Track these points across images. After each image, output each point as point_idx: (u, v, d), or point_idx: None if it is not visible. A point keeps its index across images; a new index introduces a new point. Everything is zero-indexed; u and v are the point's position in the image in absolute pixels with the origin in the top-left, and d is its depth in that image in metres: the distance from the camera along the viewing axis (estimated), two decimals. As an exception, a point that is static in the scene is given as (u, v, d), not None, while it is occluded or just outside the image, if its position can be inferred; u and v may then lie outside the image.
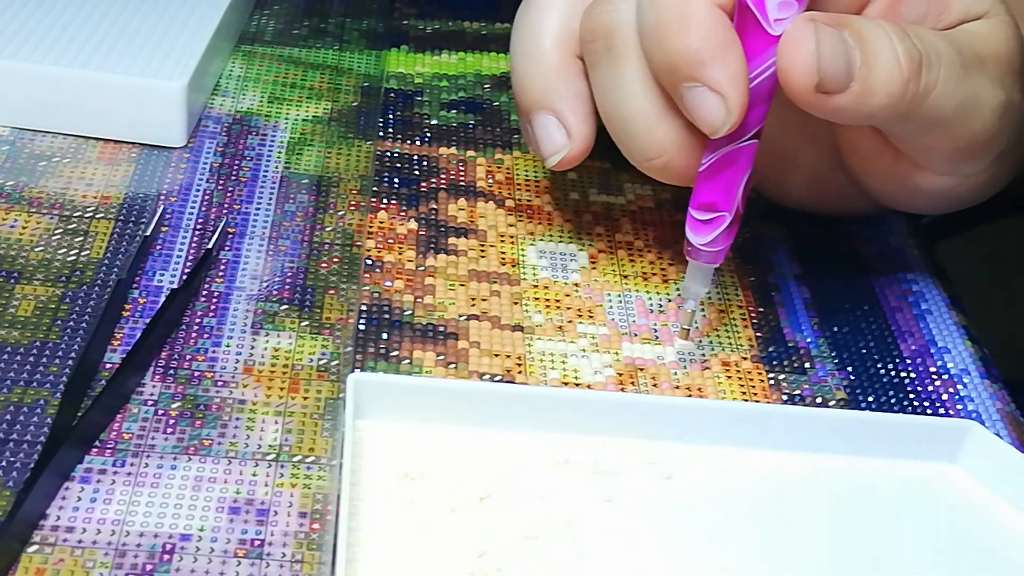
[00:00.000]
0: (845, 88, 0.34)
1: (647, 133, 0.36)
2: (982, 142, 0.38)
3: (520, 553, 0.31)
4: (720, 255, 0.37)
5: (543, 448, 0.35)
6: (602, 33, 0.37)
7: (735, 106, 0.34)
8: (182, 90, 0.44)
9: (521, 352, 0.39)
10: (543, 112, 0.39)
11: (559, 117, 0.39)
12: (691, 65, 0.34)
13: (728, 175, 0.36)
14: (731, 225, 0.36)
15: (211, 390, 0.35)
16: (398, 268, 0.41)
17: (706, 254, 0.37)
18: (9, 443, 0.33)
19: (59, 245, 0.40)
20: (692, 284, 0.38)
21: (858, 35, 0.35)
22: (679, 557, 0.32)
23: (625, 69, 0.36)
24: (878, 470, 0.36)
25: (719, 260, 0.37)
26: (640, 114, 0.36)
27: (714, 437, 0.36)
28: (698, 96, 0.34)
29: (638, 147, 0.37)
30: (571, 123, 0.39)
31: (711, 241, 0.37)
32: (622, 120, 0.37)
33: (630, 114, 0.36)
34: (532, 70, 0.39)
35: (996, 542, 0.34)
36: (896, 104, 0.35)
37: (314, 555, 0.31)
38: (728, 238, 0.37)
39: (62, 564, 0.30)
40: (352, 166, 0.46)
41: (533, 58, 0.39)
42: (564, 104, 0.39)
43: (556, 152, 0.39)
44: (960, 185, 0.40)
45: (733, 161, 0.36)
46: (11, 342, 0.36)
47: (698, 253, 0.37)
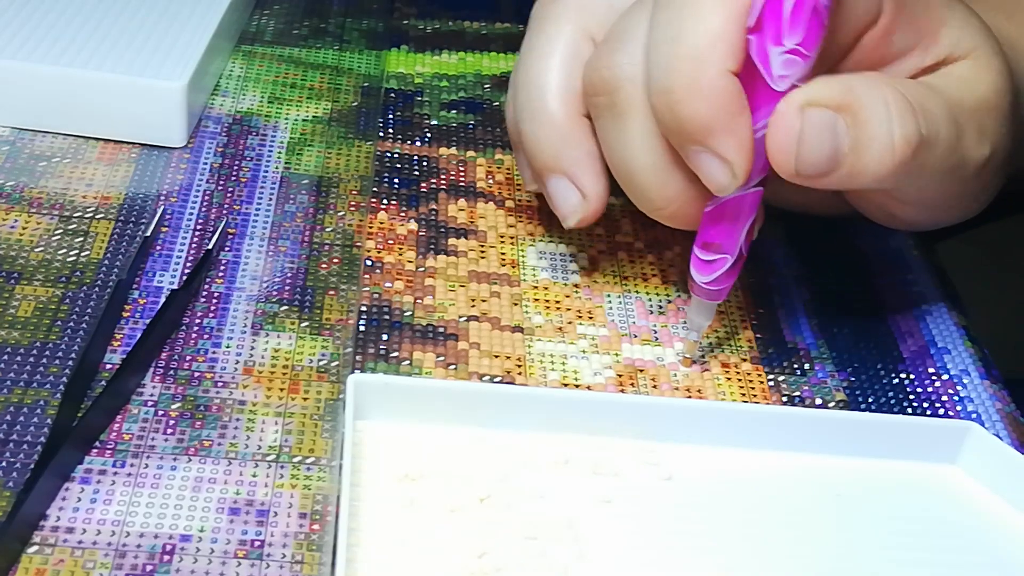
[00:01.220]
0: (829, 173, 0.35)
1: (655, 187, 0.37)
2: (968, 189, 0.39)
3: (520, 553, 0.31)
4: (722, 293, 0.38)
5: (543, 448, 0.35)
6: (604, 89, 0.37)
7: (740, 172, 0.34)
8: (182, 90, 0.44)
9: (521, 353, 0.39)
10: (556, 176, 0.39)
11: (572, 179, 0.39)
12: (700, 133, 0.34)
13: (732, 219, 0.36)
14: (733, 266, 0.37)
15: (211, 391, 0.35)
16: (398, 269, 0.41)
17: (708, 291, 0.38)
18: (9, 443, 0.33)
19: (59, 245, 0.40)
20: (696, 317, 0.38)
21: (855, 117, 0.34)
22: (679, 557, 0.32)
23: (630, 124, 0.36)
24: (878, 471, 0.36)
25: (721, 297, 0.38)
26: (646, 168, 0.37)
27: (714, 438, 0.36)
28: (705, 159, 0.35)
29: (646, 199, 0.37)
30: (584, 184, 0.39)
31: (714, 280, 0.37)
32: (629, 173, 0.37)
33: (636, 168, 0.37)
34: (540, 134, 0.39)
35: (996, 542, 0.34)
36: (884, 183, 0.35)
37: (314, 556, 0.31)
38: (730, 278, 0.37)
39: (62, 564, 0.30)
40: (352, 166, 0.46)
41: (540, 122, 0.39)
42: (575, 167, 0.39)
43: (573, 213, 0.39)
44: (952, 210, 0.40)
45: (737, 207, 0.36)
46: (11, 342, 0.36)
47: (701, 290, 0.38)
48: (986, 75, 0.38)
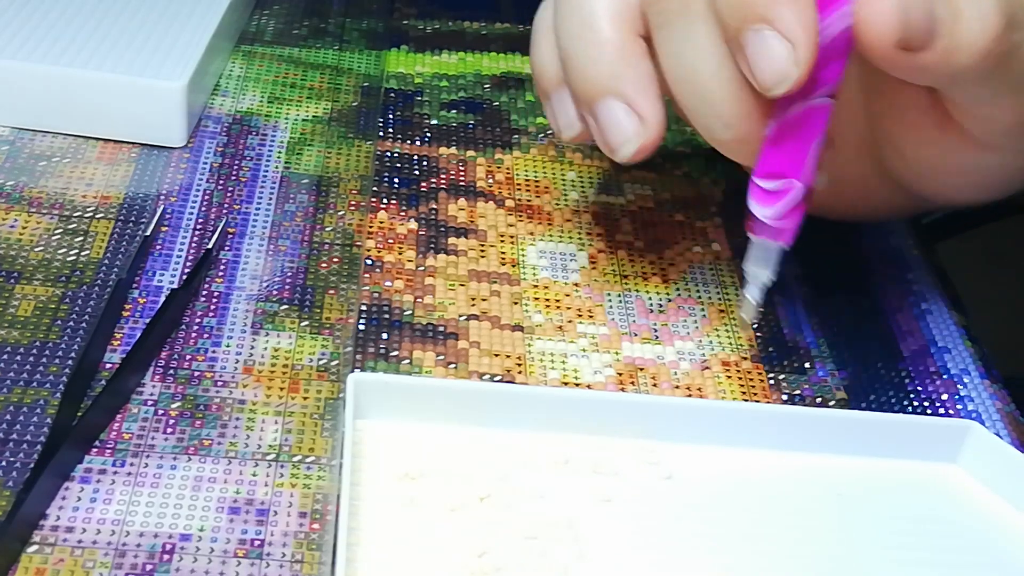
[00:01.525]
0: (929, 44, 0.31)
1: (726, 100, 0.33)
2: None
3: (520, 553, 0.31)
4: (788, 232, 0.33)
5: (543, 448, 0.35)
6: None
7: (803, 57, 0.31)
8: (182, 90, 0.44)
9: (521, 352, 0.39)
10: (609, 98, 0.35)
11: (628, 101, 0.35)
12: (764, 4, 0.31)
13: (799, 138, 0.32)
14: (802, 195, 0.33)
15: (211, 390, 0.35)
16: (398, 268, 0.41)
17: (772, 229, 0.34)
18: (9, 443, 0.33)
19: (59, 245, 0.40)
20: (754, 266, 0.34)
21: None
22: (679, 557, 0.32)
23: (703, 29, 0.33)
24: (878, 470, 0.36)
25: (787, 238, 0.34)
26: (721, 79, 0.33)
27: (714, 437, 0.36)
28: (762, 42, 0.31)
29: (716, 116, 0.34)
30: (643, 107, 0.35)
31: (778, 214, 0.33)
32: (699, 87, 0.33)
33: (708, 79, 0.33)
34: (592, 53, 0.35)
35: (996, 542, 0.34)
36: (981, 64, 0.32)
37: (314, 555, 0.31)
38: (798, 213, 0.33)
39: (62, 564, 0.30)
40: (352, 166, 0.46)
41: (590, 40, 0.35)
42: (633, 87, 0.35)
43: (628, 140, 0.35)
44: (1004, 164, 0.38)
45: (804, 122, 0.32)
46: (11, 342, 0.36)
47: (763, 228, 0.33)
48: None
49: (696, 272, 0.43)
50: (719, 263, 0.43)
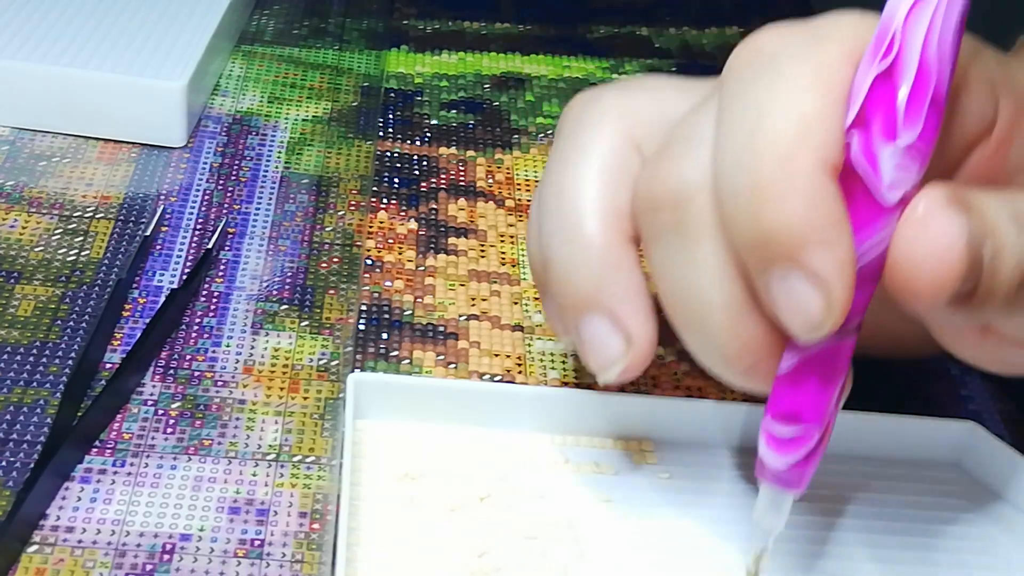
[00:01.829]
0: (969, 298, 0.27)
1: (729, 330, 0.28)
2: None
3: (520, 553, 0.31)
4: (803, 479, 0.29)
5: (543, 448, 0.35)
6: (670, 202, 0.29)
7: (838, 303, 0.26)
8: (182, 90, 0.44)
9: (521, 352, 0.39)
10: (594, 315, 0.31)
11: (614, 318, 0.31)
12: (790, 245, 0.26)
13: (820, 380, 0.28)
14: (819, 443, 0.28)
15: (211, 390, 0.35)
16: (398, 268, 0.41)
17: (784, 478, 0.29)
18: (9, 443, 0.33)
19: (59, 245, 0.40)
20: (766, 515, 0.29)
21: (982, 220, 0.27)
22: (679, 557, 0.32)
23: (701, 249, 0.28)
24: (878, 470, 0.36)
25: (801, 487, 0.29)
26: (721, 306, 0.28)
27: (714, 437, 0.36)
28: (792, 286, 0.26)
29: (717, 346, 0.29)
30: (631, 325, 0.31)
31: (794, 464, 0.29)
32: (696, 313, 0.29)
33: (707, 305, 0.28)
34: (575, 262, 0.31)
35: (996, 542, 0.34)
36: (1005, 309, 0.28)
37: (314, 555, 0.31)
38: (813, 460, 0.29)
39: (62, 564, 0.30)
40: (352, 166, 0.46)
41: (574, 247, 0.31)
42: (619, 304, 0.31)
43: (613, 362, 0.31)
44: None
45: (826, 361, 0.28)
46: (11, 342, 0.36)
47: (775, 476, 0.29)
48: None
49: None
50: (719, 263, 0.43)
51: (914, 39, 0.26)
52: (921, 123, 0.26)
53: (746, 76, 0.28)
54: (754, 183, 0.26)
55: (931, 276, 0.26)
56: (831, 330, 0.27)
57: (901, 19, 0.26)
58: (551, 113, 0.51)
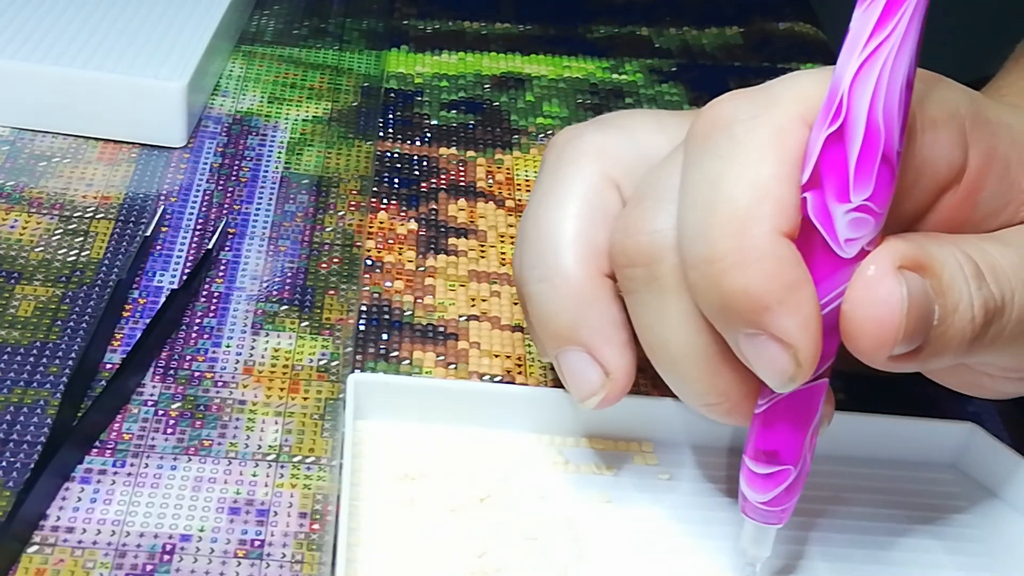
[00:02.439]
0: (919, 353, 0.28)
1: (705, 378, 0.30)
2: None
3: (520, 553, 0.31)
4: (784, 514, 0.30)
5: (543, 448, 0.35)
6: (642, 259, 0.30)
7: (806, 358, 0.27)
8: (182, 90, 0.44)
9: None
10: (572, 349, 0.32)
11: (592, 352, 0.32)
12: (752, 311, 0.27)
13: (793, 421, 0.29)
14: (796, 480, 0.30)
15: (211, 390, 0.35)
16: (398, 268, 0.41)
17: (766, 513, 0.30)
18: (9, 443, 0.33)
19: (59, 245, 0.40)
20: (751, 546, 0.31)
21: (938, 281, 0.28)
22: (679, 557, 0.32)
23: (673, 302, 0.30)
24: (878, 471, 0.36)
25: (783, 520, 0.31)
26: (695, 356, 0.30)
27: (714, 437, 0.36)
28: (760, 346, 0.27)
29: (694, 392, 0.31)
30: (608, 358, 0.32)
31: (772, 499, 0.30)
32: (672, 361, 0.30)
33: (682, 355, 0.30)
34: (553, 297, 0.32)
35: (996, 542, 0.34)
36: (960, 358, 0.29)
37: (314, 555, 0.31)
38: (792, 494, 0.30)
39: (62, 564, 0.30)
40: (352, 166, 0.46)
41: (553, 282, 0.32)
42: (596, 338, 0.32)
43: (592, 394, 0.32)
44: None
45: (799, 405, 0.29)
46: (11, 342, 0.36)
47: (756, 511, 0.30)
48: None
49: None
50: (719, 263, 0.43)
51: (861, 101, 0.27)
52: (872, 183, 0.27)
53: (704, 145, 0.29)
54: (712, 253, 0.27)
55: (873, 337, 0.27)
56: (802, 382, 0.28)
57: (848, 81, 0.27)
58: (551, 113, 0.51)
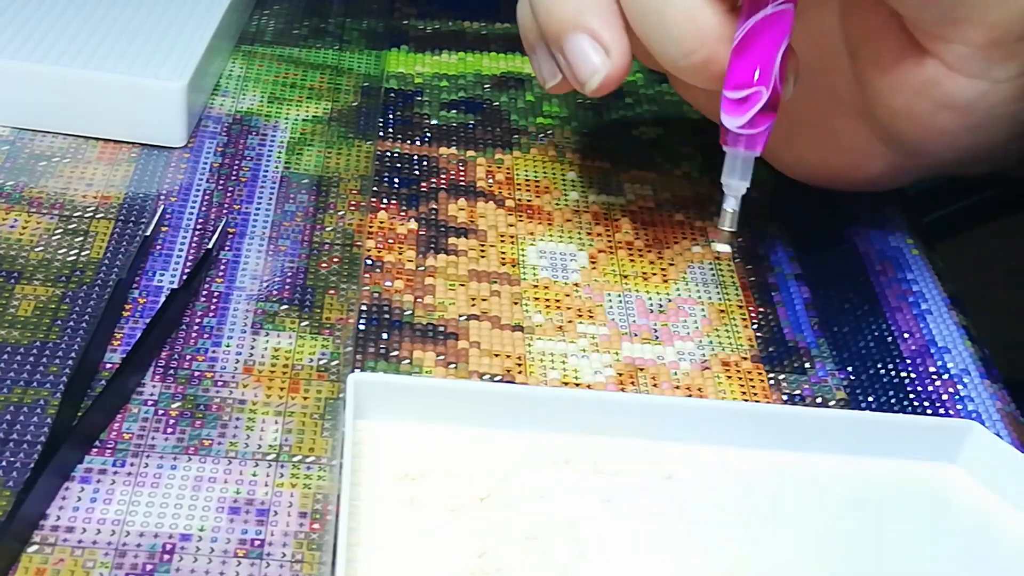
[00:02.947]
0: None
1: (686, 22, 0.34)
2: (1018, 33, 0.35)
3: (520, 553, 0.31)
4: (759, 139, 0.35)
5: (543, 448, 0.35)
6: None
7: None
8: (182, 90, 0.44)
9: (521, 352, 0.39)
10: (575, 32, 0.37)
11: (593, 35, 0.36)
12: None
13: (763, 45, 0.33)
14: (769, 102, 0.34)
15: (211, 390, 0.35)
16: (398, 268, 0.41)
17: (744, 138, 0.35)
18: (9, 443, 0.33)
19: (59, 245, 0.40)
20: (731, 177, 0.35)
21: None
22: (679, 557, 0.32)
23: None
24: (878, 470, 0.36)
25: (759, 146, 0.35)
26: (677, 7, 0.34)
27: (714, 437, 0.36)
28: None
29: (675, 39, 0.35)
30: (608, 38, 0.36)
31: (748, 122, 0.34)
32: (657, 11, 0.35)
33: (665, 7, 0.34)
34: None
35: (996, 542, 0.34)
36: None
37: (314, 555, 0.31)
38: (767, 118, 0.34)
39: (62, 564, 0.30)
40: (352, 166, 0.46)
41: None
42: (597, 20, 0.36)
43: (595, 72, 0.37)
44: (991, 93, 0.37)
45: (767, 29, 0.33)
46: (11, 342, 0.36)
47: (736, 138, 0.35)
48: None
49: (696, 272, 0.43)
50: (719, 263, 0.43)
51: None
52: None
53: None
54: None
55: None
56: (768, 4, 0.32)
57: None
58: (551, 113, 0.51)
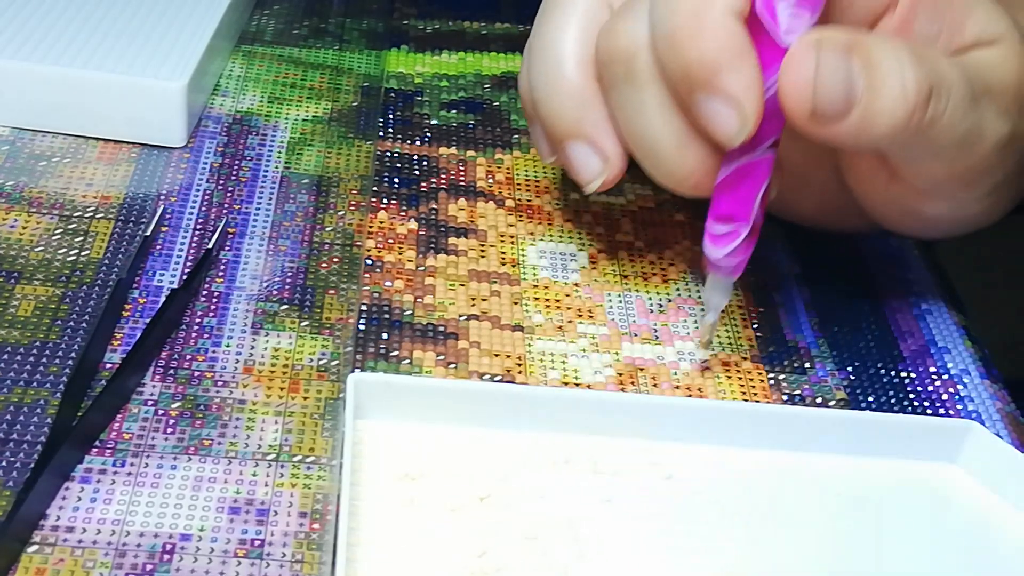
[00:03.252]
0: (844, 116, 0.34)
1: (674, 158, 0.36)
2: (980, 171, 0.38)
3: (520, 553, 0.31)
4: (739, 267, 0.37)
5: (543, 448, 0.35)
6: (621, 57, 0.36)
7: (750, 114, 0.34)
8: (182, 90, 0.44)
9: (521, 352, 0.39)
10: (576, 140, 0.38)
11: (591, 144, 0.38)
12: (706, 74, 0.34)
13: (745, 187, 0.35)
14: (748, 237, 0.36)
15: (211, 390, 0.35)
16: (398, 268, 0.41)
17: (724, 267, 0.37)
18: (9, 443, 0.33)
19: (59, 245, 0.40)
20: (712, 296, 0.37)
21: (867, 59, 0.34)
22: (679, 557, 0.32)
23: (647, 93, 0.36)
24: (878, 470, 0.36)
25: (738, 273, 0.37)
26: (666, 139, 0.36)
27: (714, 437, 0.36)
28: (713, 106, 0.34)
29: (666, 171, 0.37)
30: (605, 148, 0.38)
31: (729, 254, 0.36)
32: (647, 145, 0.37)
33: (655, 139, 0.36)
34: (557, 100, 0.38)
35: (996, 542, 0.34)
36: (897, 134, 0.35)
37: (314, 555, 0.31)
38: (746, 250, 0.36)
39: (62, 564, 0.30)
40: (352, 166, 0.46)
41: (557, 87, 0.38)
42: (596, 130, 0.38)
43: (594, 178, 0.39)
44: (958, 211, 0.40)
45: (750, 173, 0.35)
46: (11, 342, 0.36)
47: (716, 266, 0.37)
48: (1012, 62, 0.37)
49: (696, 272, 0.43)
50: (719, 263, 0.43)
51: None
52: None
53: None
54: (675, 27, 0.34)
55: (791, 99, 0.34)
56: (747, 136, 0.34)
57: None
58: (551, 113, 0.50)
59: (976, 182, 0.38)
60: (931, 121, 0.35)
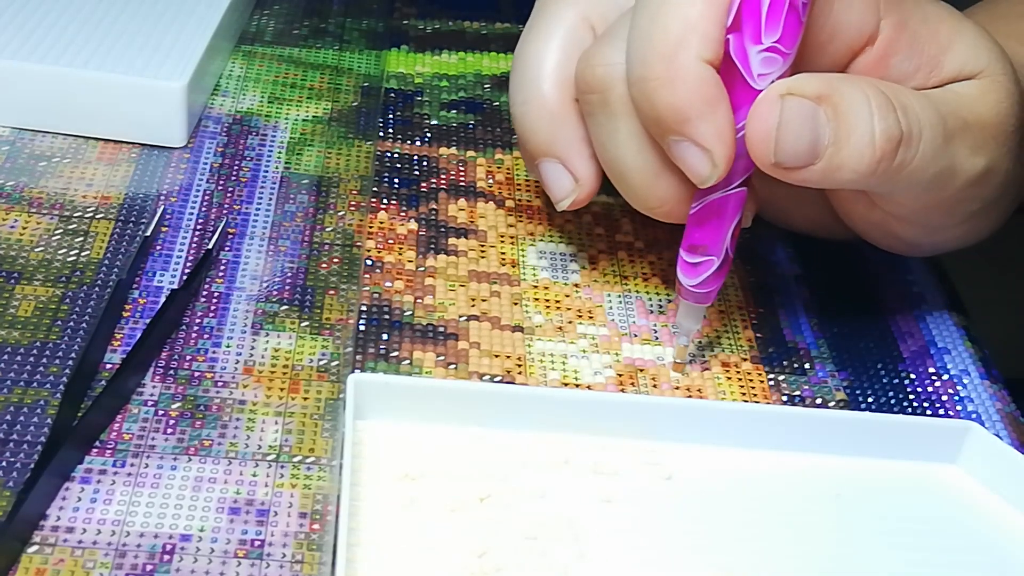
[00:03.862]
0: (809, 165, 0.34)
1: (647, 186, 0.37)
2: (955, 202, 0.38)
3: (520, 553, 0.31)
4: (710, 296, 0.37)
5: (543, 448, 0.35)
6: (597, 87, 0.36)
7: (720, 160, 0.34)
8: (182, 90, 0.44)
9: (521, 353, 0.39)
10: (547, 159, 0.39)
11: (564, 163, 0.39)
12: (677, 121, 0.34)
13: (717, 220, 0.36)
14: (720, 268, 0.36)
15: (211, 390, 0.35)
16: (398, 268, 0.41)
17: (696, 295, 0.37)
18: (9, 443, 0.33)
19: (59, 245, 0.40)
20: (684, 321, 0.38)
21: (836, 108, 0.34)
22: (679, 557, 0.32)
23: (621, 124, 0.36)
24: (878, 470, 0.36)
25: (709, 300, 0.37)
26: (639, 168, 0.36)
27: (714, 437, 0.36)
28: (685, 149, 0.34)
29: (639, 198, 0.37)
30: (577, 168, 0.39)
31: (701, 283, 0.37)
32: (621, 172, 0.37)
33: (628, 168, 0.37)
34: (533, 117, 0.39)
35: (996, 542, 0.34)
36: (863, 180, 0.35)
37: (314, 555, 0.31)
38: (718, 280, 0.37)
39: (62, 564, 0.30)
40: (352, 166, 0.46)
41: (533, 105, 0.39)
42: (568, 151, 0.39)
43: (566, 197, 0.39)
44: (936, 235, 0.41)
45: (722, 207, 0.36)
46: (11, 342, 0.36)
47: (688, 293, 0.37)
48: (992, 95, 0.37)
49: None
50: (719, 263, 0.43)
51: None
52: (780, 28, 0.33)
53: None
54: (648, 73, 0.34)
55: (755, 146, 0.34)
56: (718, 179, 0.35)
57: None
58: (551, 113, 0.50)
59: (952, 211, 0.39)
60: (899, 167, 0.35)
